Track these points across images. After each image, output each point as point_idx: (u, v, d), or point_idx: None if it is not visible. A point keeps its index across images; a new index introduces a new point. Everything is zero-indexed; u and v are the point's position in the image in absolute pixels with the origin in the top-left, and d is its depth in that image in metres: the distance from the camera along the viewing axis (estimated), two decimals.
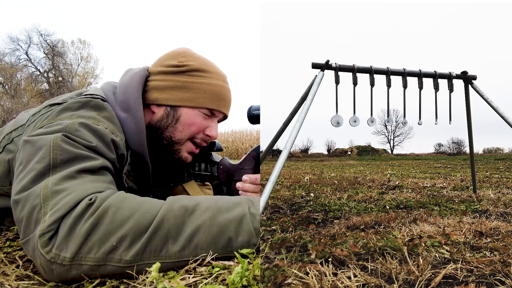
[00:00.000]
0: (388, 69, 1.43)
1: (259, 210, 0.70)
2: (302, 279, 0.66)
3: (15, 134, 0.91)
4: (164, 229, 0.61)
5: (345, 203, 1.72)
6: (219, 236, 0.63)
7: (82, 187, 0.65)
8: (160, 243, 0.60)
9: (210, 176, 1.14)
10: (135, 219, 0.61)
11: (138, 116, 0.92)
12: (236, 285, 0.54)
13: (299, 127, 1.14)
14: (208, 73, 1.00)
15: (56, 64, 24.42)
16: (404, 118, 1.53)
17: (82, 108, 0.85)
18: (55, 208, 0.60)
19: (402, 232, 1.05)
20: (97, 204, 0.62)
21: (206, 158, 1.15)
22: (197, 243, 0.62)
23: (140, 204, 0.64)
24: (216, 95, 1.00)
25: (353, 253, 0.82)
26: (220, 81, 1.03)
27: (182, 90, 0.98)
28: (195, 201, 0.67)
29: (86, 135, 0.76)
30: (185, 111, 0.98)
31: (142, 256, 0.59)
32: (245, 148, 13.82)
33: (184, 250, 0.61)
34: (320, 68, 1.33)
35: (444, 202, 1.70)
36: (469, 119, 1.74)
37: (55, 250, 0.58)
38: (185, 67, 0.98)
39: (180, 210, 0.64)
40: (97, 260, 0.58)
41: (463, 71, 1.56)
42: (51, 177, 0.66)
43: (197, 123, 1.00)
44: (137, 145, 0.92)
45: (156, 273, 0.55)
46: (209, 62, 1.04)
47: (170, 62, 1.00)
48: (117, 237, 0.59)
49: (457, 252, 0.83)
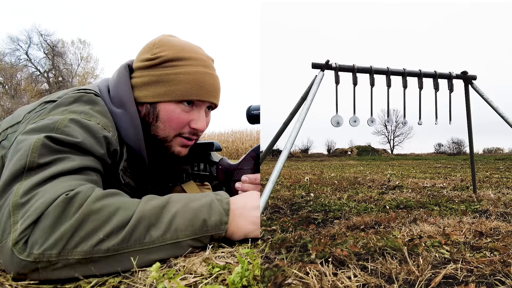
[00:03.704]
0: (388, 69, 1.43)
1: (225, 196, 0.77)
2: (302, 279, 0.66)
3: (10, 131, 0.91)
4: (145, 219, 0.66)
5: (345, 203, 1.72)
6: (195, 218, 0.70)
7: (54, 188, 0.64)
8: (143, 231, 0.65)
9: (209, 176, 1.14)
10: (120, 214, 0.64)
11: (132, 110, 0.91)
12: (236, 285, 0.54)
13: (299, 127, 1.14)
14: (184, 61, 0.94)
15: (56, 64, 24.42)
16: (404, 118, 1.53)
17: (74, 102, 0.84)
18: (26, 215, 0.60)
19: (402, 232, 1.05)
20: (80, 199, 0.63)
21: (205, 158, 1.15)
22: (176, 226, 0.67)
23: (122, 201, 0.68)
24: (194, 84, 0.94)
25: (353, 253, 0.81)
26: (199, 67, 0.96)
27: (158, 84, 0.93)
28: (167, 196, 0.74)
29: (74, 131, 0.75)
30: (163, 107, 0.94)
31: (128, 244, 0.63)
32: (245, 148, 13.82)
33: (166, 234, 0.66)
34: (320, 68, 1.33)
35: (444, 202, 1.70)
36: (469, 119, 1.74)
37: (38, 250, 0.58)
38: (158, 59, 0.93)
39: (156, 203, 0.70)
40: (84, 253, 0.60)
41: (463, 71, 1.56)
42: (24, 182, 0.65)
43: (176, 118, 0.94)
44: (134, 140, 0.91)
45: (156, 273, 0.55)
46: (187, 48, 0.97)
47: (145, 56, 0.96)
48: (105, 231, 0.62)
49: (457, 252, 0.83)
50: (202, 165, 1.18)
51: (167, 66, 0.93)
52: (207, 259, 0.67)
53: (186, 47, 0.97)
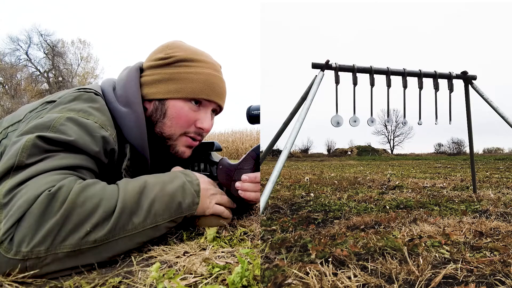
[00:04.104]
0: (388, 69, 1.43)
1: (194, 177, 0.85)
2: (302, 279, 0.66)
3: (11, 129, 0.91)
4: (127, 207, 0.70)
5: (345, 203, 1.72)
6: (171, 202, 0.77)
7: (36, 185, 0.64)
8: (126, 220, 0.69)
9: (209, 176, 1.14)
10: (103, 205, 0.67)
11: (138, 110, 0.93)
12: (236, 285, 0.54)
13: (299, 127, 1.14)
14: (196, 62, 0.98)
15: (56, 64, 24.41)
16: (404, 118, 1.53)
17: (73, 101, 0.85)
18: (9, 215, 0.60)
19: (402, 232, 1.05)
20: (63, 194, 0.63)
21: (206, 158, 1.15)
22: (155, 212, 0.73)
23: (103, 191, 0.69)
24: (204, 84, 0.97)
25: (353, 253, 0.81)
26: (210, 70, 1.00)
27: (169, 82, 0.96)
28: (142, 180, 0.78)
29: (69, 129, 0.75)
30: (172, 104, 0.96)
31: (113, 233, 0.66)
32: (245, 148, 13.82)
33: (146, 220, 0.72)
34: (320, 68, 1.33)
35: (444, 202, 1.70)
36: (469, 119, 1.74)
37: (26, 248, 0.58)
38: (171, 58, 0.97)
39: (133, 188, 0.74)
40: (73, 246, 0.61)
41: (463, 71, 1.56)
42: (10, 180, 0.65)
43: (184, 115, 0.97)
44: (137, 139, 0.92)
45: (156, 273, 0.55)
46: (199, 52, 1.01)
47: (157, 56, 0.99)
48: (91, 223, 0.64)
49: (457, 252, 0.83)
50: (202, 165, 1.18)
51: (180, 66, 0.97)
52: (207, 259, 0.68)
53: (197, 51, 1.02)
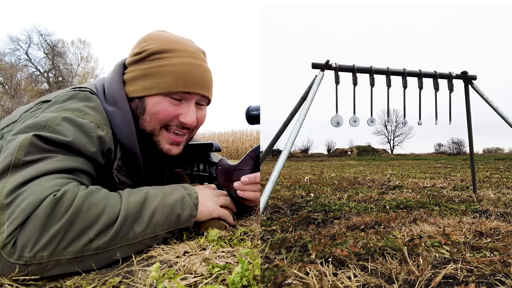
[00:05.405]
0: (388, 69, 1.43)
1: (193, 191, 0.87)
2: (302, 279, 0.66)
3: (7, 130, 0.91)
4: (130, 216, 0.71)
5: (345, 203, 1.72)
6: (171, 214, 0.78)
7: (40, 188, 0.64)
8: (128, 228, 0.70)
9: (208, 177, 1.14)
10: (107, 212, 0.67)
11: (124, 108, 0.91)
12: (236, 285, 0.54)
13: (299, 127, 1.14)
14: (171, 53, 0.92)
15: (56, 64, 24.42)
16: (404, 118, 1.53)
17: (69, 100, 0.84)
18: (13, 217, 0.59)
19: (402, 232, 1.05)
20: (68, 199, 0.63)
21: (205, 159, 1.15)
22: (155, 222, 0.75)
23: (106, 198, 0.70)
24: (181, 75, 0.91)
25: (353, 253, 0.81)
26: (188, 58, 0.93)
27: (145, 78, 0.92)
28: (144, 190, 0.79)
29: (65, 130, 0.74)
30: (150, 100, 0.92)
31: (115, 241, 0.67)
32: (245, 148, 13.82)
33: (147, 230, 0.73)
34: (320, 68, 1.33)
35: (444, 202, 1.70)
36: (469, 119, 1.74)
37: (29, 253, 0.58)
38: (145, 52, 0.93)
39: (136, 199, 0.74)
40: (75, 253, 0.61)
41: (463, 71, 1.56)
42: (9, 180, 0.64)
43: (162, 110, 0.92)
44: (127, 138, 0.90)
45: (156, 273, 0.55)
46: (175, 40, 0.95)
47: (134, 51, 0.96)
48: (94, 230, 0.64)
49: (457, 252, 0.83)
50: (201, 165, 1.18)
51: (153, 59, 0.92)
52: (207, 259, 0.67)
53: (174, 39, 0.95)
